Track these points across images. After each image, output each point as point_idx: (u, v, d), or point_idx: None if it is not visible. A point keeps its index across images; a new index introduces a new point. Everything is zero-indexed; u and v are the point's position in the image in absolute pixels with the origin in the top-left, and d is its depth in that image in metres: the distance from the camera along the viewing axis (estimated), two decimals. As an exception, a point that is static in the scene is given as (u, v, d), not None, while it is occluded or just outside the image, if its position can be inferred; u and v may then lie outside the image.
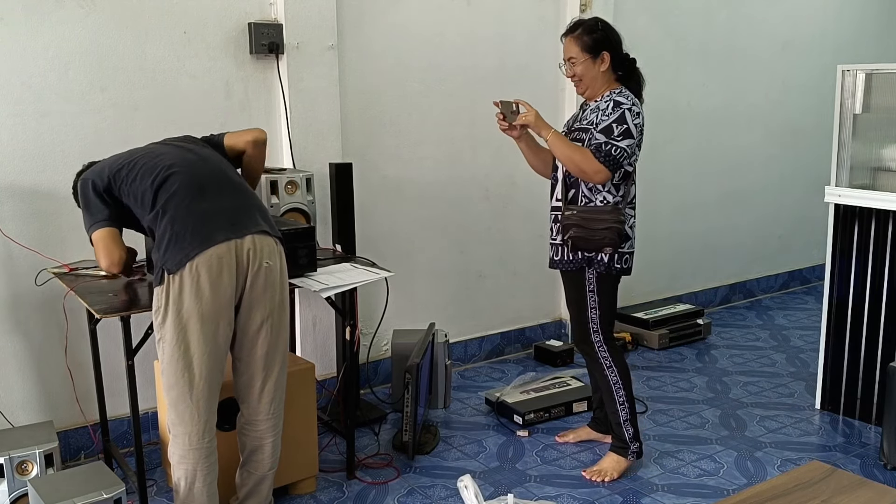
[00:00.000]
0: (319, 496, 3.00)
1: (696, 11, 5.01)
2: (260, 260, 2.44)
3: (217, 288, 2.35)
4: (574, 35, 2.97)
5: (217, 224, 2.40)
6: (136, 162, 2.53)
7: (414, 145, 3.99)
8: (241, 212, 2.48)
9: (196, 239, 2.36)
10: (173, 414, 2.44)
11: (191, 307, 2.34)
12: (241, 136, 2.80)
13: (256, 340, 2.50)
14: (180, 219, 2.39)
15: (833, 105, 3.54)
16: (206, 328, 2.36)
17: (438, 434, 3.48)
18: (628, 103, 2.90)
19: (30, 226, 3.03)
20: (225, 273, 2.36)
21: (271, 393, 2.57)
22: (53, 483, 2.46)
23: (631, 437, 3.08)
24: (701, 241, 5.34)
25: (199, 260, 2.33)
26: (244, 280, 2.42)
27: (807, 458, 3.25)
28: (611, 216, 2.91)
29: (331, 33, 3.55)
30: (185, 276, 2.33)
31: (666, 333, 4.61)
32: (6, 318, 3.05)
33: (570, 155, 2.89)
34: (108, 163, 2.60)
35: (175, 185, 2.45)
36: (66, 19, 3.01)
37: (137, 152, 2.60)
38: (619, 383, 3.07)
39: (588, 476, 3.09)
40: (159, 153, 2.56)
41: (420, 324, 4.02)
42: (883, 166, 3.49)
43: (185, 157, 2.55)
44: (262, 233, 2.47)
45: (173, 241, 2.36)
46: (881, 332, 3.48)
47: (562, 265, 3.06)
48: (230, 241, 2.38)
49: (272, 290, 2.48)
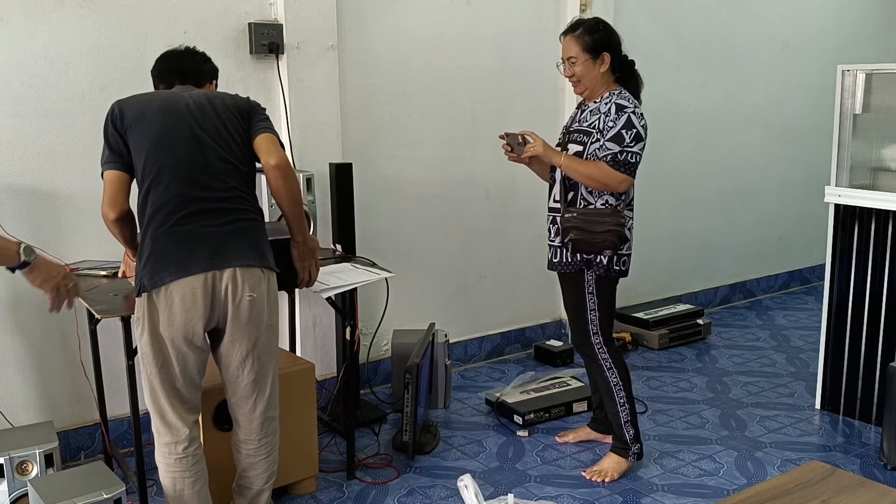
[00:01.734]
0: (319, 496, 3.00)
1: (696, 11, 5.01)
2: (241, 293, 2.33)
3: (189, 317, 2.29)
4: (575, 34, 2.96)
5: (198, 253, 2.30)
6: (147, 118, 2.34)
7: (414, 145, 3.99)
8: (227, 240, 2.33)
9: (174, 264, 2.28)
10: (155, 423, 2.42)
11: (164, 327, 2.31)
12: (269, 154, 2.40)
13: (242, 370, 2.43)
14: (163, 237, 2.31)
15: (833, 105, 3.54)
16: (177, 350, 2.33)
17: (438, 434, 3.48)
18: (631, 106, 2.89)
19: (30, 226, 3.03)
20: (200, 304, 2.29)
21: (262, 416, 2.51)
22: (53, 483, 2.46)
23: (632, 438, 3.08)
24: (701, 241, 5.34)
25: (173, 287, 2.28)
26: (223, 311, 2.34)
27: (807, 458, 3.25)
28: (611, 219, 2.91)
29: (331, 33, 3.55)
30: (160, 298, 2.29)
31: (666, 333, 4.61)
32: (6, 318, 3.05)
33: (588, 173, 2.88)
34: (130, 100, 2.41)
35: (168, 193, 2.31)
36: (66, 19, 3.02)
37: (154, 104, 2.38)
38: (620, 384, 3.06)
39: (588, 476, 3.09)
40: (170, 132, 2.34)
41: (420, 324, 4.01)
42: (883, 166, 3.49)
43: (193, 155, 2.33)
44: (245, 266, 2.34)
45: (152, 258, 2.30)
46: (881, 332, 3.47)
47: (560, 267, 3.05)
48: (207, 272, 2.29)
49: (258, 318, 2.40)
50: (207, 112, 2.38)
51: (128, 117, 2.36)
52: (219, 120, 2.39)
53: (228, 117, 2.41)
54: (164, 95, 2.45)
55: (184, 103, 2.39)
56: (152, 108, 2.37)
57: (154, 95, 2.46)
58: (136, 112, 2.36)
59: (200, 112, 2.37)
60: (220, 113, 2.40)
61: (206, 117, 2.37)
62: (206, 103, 2.40)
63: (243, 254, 2.35)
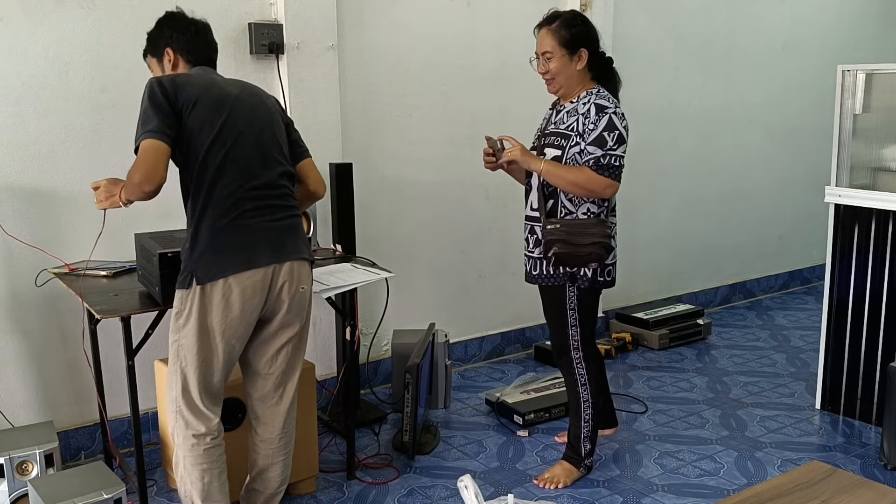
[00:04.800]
0: (319, 496, 3.00)
1: (696, 11, 5.01)
2: (297, 286, 2.42)
3: (247, 308, 2.32)
4: (551, 27, 2.79)
5: (260, 246, 2.33)
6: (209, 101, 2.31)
7: (414, 145, 3.99)
8: (285, 234, 2.40)
9: (235, 257, 2.29)
10: (184, 416, 2.37)
11: (216, 320, 2.30)
12: (318, 184, 2.63)
13: (275, 360, 2.49)
14: (224, 230, 2.29)
15: (833, 105, 3.54)
16: (227, 342, 2.34)
17: (438, 434, 3.48)
18: (612, 106, 2.74)
19: (30, 226, 3.03)
20: (257, 296, 2.33)
21: (286, 413, 2.55)
22: (53, 483, 2.46)
23: (587, 453, 3.03)
24: (701, 240, 5.34)
25: (233, 280, 2.28)
26: (277, 303, 2.39)
27: (807, 458, 3.25)
28: (597, 229, 2.75)
29: (331, 33, 3.55)
30: (216, 290, 2.27)
31: (666, 333, 4.61)
32: (6, 318, 3.05)
33: (572, 180, 2.72)
34: (182, 79, 2.34)
35: (230, 186, 2.29)
36: (66, 19, 3.01)
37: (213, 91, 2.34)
38: (590, 402, 2.98)
39: (540, 483, 3.02)
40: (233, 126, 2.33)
41: (420, 324, 4.01)
42: (883, 166, 3.49)
43: (256, 151, 2.37)
44: (300, 259, 2.43)
45: (210, 250, 2.28)
46: (881, 332, 3.48)
47: (541, 280, 2.90)
48: (269, 266, 2.34)
49: (305, 311, 2.49)
50: (261, 110, 2.44)
51: (185, 96, 2.27)
52: (271, 119, 2.46)
53: (277, 119, 2.49)
54: (221, 84, 2.40)
55: (247, 99, 2.41)
56: (211, 95, 2.32)
57: (209, 82, 2.38)
58: (194, 93, 2.28)
59: (263, 110, 2.44)
60: (272, 113, 2.48)
61: (265, 116, 2.44)
62: (259, 103, 2.45)
63: (298, 248, 2.43)
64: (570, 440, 3.08)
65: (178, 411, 2.38)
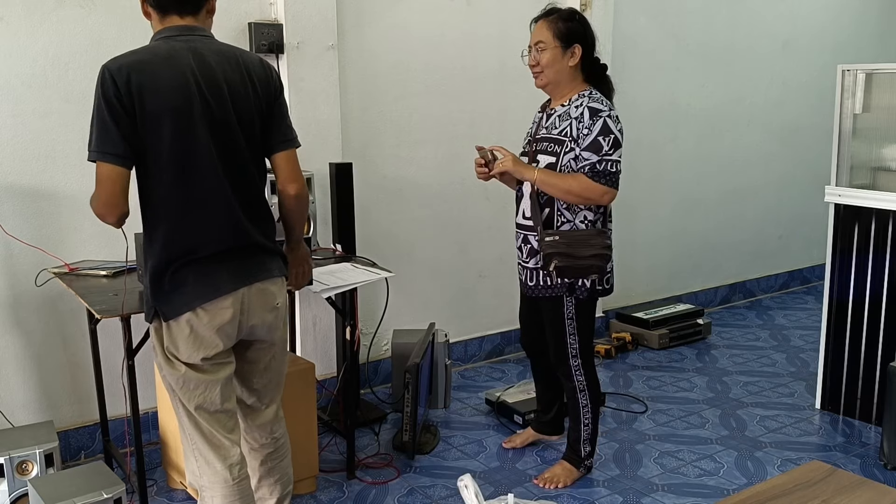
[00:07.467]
0: (319, 496, 3.00)
1: (696, 11, 5.01)
2: (272, 304, 2.19)
3: (220, 334, 2.09)
4: (548, 19, 2.73)
5: (226, 271, 2.07)
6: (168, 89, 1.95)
7: (414, 145, 3.99)
8: (254, 253, 2.14)
9: (198, 285, 2.04)
10: (202, 454, 2.15)
11: (189, 352, 2.08)
12: (289, 182, 2.20)
13: (268, 370, 2.30)
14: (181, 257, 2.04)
15: (833, 105, 3.54)
16: (208, 369, 2.12)
17: (438, 434, 3.48)
18: (606, 109, 2.68)
19: (30, 226, 3.03)
20: (228, 324, 2.09)
21: (274, 414, 2.37)
22: (53, 483, 2.46)
23: (587, 454, 3.04)
24: (701, 240, 5.34)
25: (200, 311, 2.04)
26: (251, 323, 2.16)
27: (807, 458, 3.25)
28: (598, 240, 2.70)
29: (331, 33, 3.55)
30: (182, 324, 2.05)
31: (666, 333, 4.61)
32: (6, 318, 3.05)
33: (567, 188, 2.65)
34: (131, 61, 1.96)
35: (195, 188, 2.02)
36: (66, 19, 3.01)
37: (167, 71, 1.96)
38: (588, 407, 2.98)
39: (540, 483, 3.02)
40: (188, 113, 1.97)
41: (420, 324, 4.01)
42: (883, 166, 3.49)
43: (219, 145, 2.03)
44: (271, 278, 2.18)
45: (170, 281, 2.04)
46: (881, 332, 3.48)
47: (539, 291, 2.84)
48: (238, 291, 2.08)
49: (282, 324, 2.28)
50: (240, 84, 2.04)
51: (136, 84, 1.92)
52: (254, 97, 2.07)
53: (260, 95, 2.09)
54: (181, 53, 1.98)
55: (217, 73, 2.00)
56: (165, 76, 1.94)
57: (163, 54, 1.97)
58: (146, 80, 1.94)
59: (233, 85, 2.02)
60: (258, 89, 2.08)
61: (239, 93, 2.04)
62: (237, 74, 2.03)
63: (268, 267, 2.18)
64: (569, 442, 3.08)
65: (196, 450, 2.17)
